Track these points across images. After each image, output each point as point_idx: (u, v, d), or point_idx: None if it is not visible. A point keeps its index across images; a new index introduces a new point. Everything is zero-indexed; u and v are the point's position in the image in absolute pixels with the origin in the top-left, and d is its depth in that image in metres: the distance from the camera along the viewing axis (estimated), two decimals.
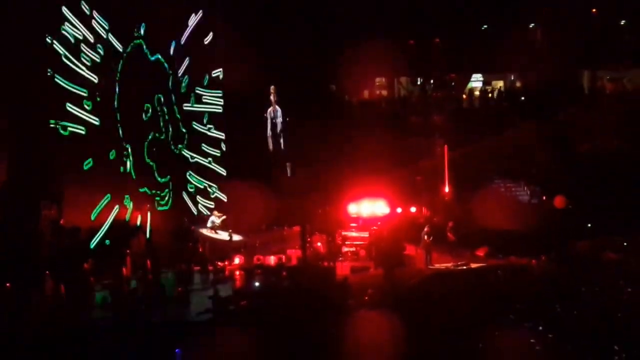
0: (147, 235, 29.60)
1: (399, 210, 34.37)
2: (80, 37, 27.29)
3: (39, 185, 26.66)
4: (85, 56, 27.58)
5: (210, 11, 35.15)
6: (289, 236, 33.32)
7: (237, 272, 29.62)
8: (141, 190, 30.52)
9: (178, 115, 33.44)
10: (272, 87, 37.85)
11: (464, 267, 30.88)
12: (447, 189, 36.92)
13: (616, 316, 23.46)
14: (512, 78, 48.11)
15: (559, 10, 39.92)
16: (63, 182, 27.08)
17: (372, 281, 28.12)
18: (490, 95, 47.34)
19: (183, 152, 33.68)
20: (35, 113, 26.31)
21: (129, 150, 29.93)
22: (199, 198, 34.29)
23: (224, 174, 35.49)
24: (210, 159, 35.08)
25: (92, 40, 27.90)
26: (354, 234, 32.86)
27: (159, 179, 31.78)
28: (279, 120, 38.18)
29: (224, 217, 33.05)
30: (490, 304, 24.65)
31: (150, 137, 31.52)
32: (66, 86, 26.72)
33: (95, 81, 27.98)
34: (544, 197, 36.26)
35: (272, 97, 37.83)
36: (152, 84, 31.96)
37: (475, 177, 37.26)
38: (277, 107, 37.92)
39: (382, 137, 37.53)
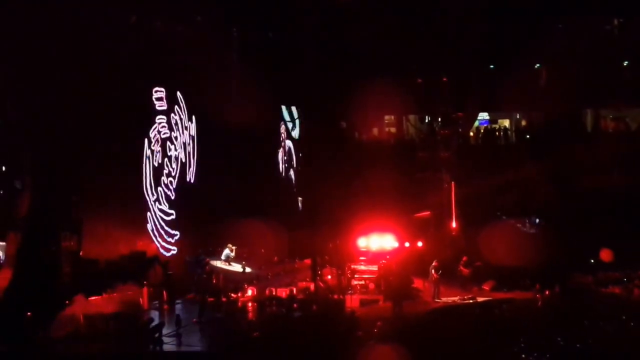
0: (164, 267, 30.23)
1: (407, 244, 34.86)
2: None
3: (59, 217, 27.39)
4: None
5: (225, 50, 35.90)
6: (300, 269, 33.88)
7: (250, 304, 30.17)
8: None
9: None
10: (282, 125, 38.65)
11: (471, 301, 31.48)
12: (454, 224, 37.46)
13: (618, 349, 23.97)
14: (518, 116, 48.85)
15: (563, 51, 40.66)
16: (82, 215, 27.82)
17: (380, 314, 28.61)
18: (496, 133, 48.12)
19: None
20: (58, 147, 27.01)
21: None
22: None
23: None
24: None
25: None
26: (363, 268, 33.28)
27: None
28: (291, 156, 38.97)
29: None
30: (496, 336, 25.19)
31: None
32: None
33: None
34: (547, 232, 36.87)
35: (283, 134, 38.62)
36: None
37: (481, 212, 37.83)
38: (288, 143, 38.69)
39: (390, 173, 38.17)
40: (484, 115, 48.56)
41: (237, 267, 32.93)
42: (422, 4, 40.30)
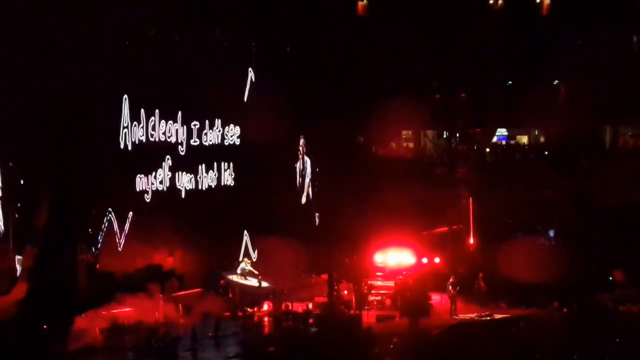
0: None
1: (424, 260, 34.69)
2: None
3: (76, 230, 27.55)
4: None
5: (244, 65, 36.01)
6: (317, 284, 33.81)
7: (266, 318, 30.18)
8: None
9: None
10: (301, 138, 38.64)
11: (488, 318, 31.32)
12: (471, 240, 37.34)
13: None
14: (536, 133, 48.71)
15: (582, 68, 40.53)
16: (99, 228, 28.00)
17: (397, 330, 28.48)
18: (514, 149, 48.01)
19: None
20: (76, 160, 27.20)
21: None
22: None
23: None
24: None
25: None
26: (380, 283, 33.11)
27: None
28: (308, 170, 38.92)
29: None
30: (513, 354, 25.02)
31: None
32: None
33: None
34: (565, 249, 36.64)
35: (301, 149, 38.63)
36: None
37: (499, 228, 37.70)
38: (306, 158, 38.68)
39: (408, 189, 38.04)
40: (502, 131, 48.45)
41: (253, 282, 32.95)
42: (441, 20, 40.29)
